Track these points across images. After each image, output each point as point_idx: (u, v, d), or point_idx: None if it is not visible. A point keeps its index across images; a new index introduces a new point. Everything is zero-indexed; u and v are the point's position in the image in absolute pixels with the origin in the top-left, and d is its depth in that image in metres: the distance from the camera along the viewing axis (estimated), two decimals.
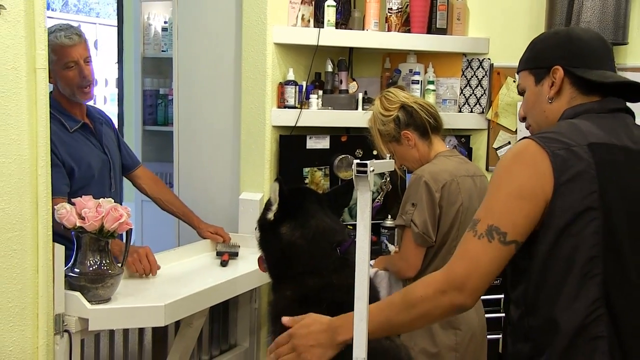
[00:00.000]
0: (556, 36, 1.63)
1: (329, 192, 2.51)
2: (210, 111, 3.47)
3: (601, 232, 1.41)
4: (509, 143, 3.43)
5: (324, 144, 3.28)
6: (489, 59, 3.45)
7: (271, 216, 1.96)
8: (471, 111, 3.48)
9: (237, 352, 3.04)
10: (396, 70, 3.44)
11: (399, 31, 3.34)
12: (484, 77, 3.45)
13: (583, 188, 1.41)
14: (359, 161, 1.41)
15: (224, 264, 2.81)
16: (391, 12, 3.33)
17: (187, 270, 2.72)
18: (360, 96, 3.28)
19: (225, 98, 3.38)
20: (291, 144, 3.21)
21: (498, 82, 3.43)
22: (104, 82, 7.67)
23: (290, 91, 3.14)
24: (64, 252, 2.11)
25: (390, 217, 3.22)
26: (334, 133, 3.31)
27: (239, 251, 2.93)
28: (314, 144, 3.26)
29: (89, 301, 2.14)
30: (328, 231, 1.96)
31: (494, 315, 2.78)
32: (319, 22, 3.26)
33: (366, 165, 1.40)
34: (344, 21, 3.38)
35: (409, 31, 3.37)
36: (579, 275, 1.41)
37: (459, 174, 2.40)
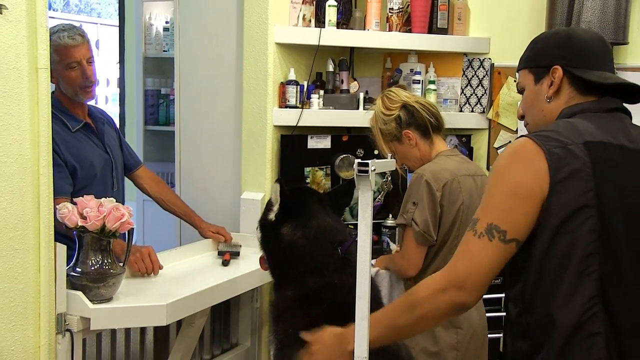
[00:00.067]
0: (557, 36, 1.63)
1: (330, 191, 2.50)
2: (212, 111, 3.47)
3: (597, 229, 1.41)
4: (509, 143, 3.43)
5: (325, 143, 3.28)
6: (489, 58, 3.46)
7: (272, 217, 1.97)
8: (472, 111, 3.48)
9: (238, 352, 3.05)
10: (397, 70, 3.45)
11: (400, 31, 3.35)
12: (484, 76, 3.45)
13: (579, 186, 1.41)
14: (360, 161, 1.41)
15: (225, 263, 2.82)
16: (392, 12, 3.34)
17: (188, 270, 2.72)
18: (362, 96, 3.28)
19: (227, 98, 3.38)
20: (292, 143, 3.21)
21: (499, 81, 3.43)
22: (105, 82, 7.67)
23: (292, 91, 3.14)
24: (66, 252, 2.12)
25: (391, 216, 3.23)
26: (335, 133, 3.31)
27: (240, 251, 2.93)
28: (315, 143, 3.26)
29: (90, 300, 2.14)
30: (329, 231, 1.96)
31: (494, 314, 2.78)
32: (320, 22, 3.26)
33: (367, 165, 1.40)
34: (345, 21, 3.38)
35: (410, 31, 3.37)
36: (575, 272, 1.42)
37: (460, 173, 2.41)
